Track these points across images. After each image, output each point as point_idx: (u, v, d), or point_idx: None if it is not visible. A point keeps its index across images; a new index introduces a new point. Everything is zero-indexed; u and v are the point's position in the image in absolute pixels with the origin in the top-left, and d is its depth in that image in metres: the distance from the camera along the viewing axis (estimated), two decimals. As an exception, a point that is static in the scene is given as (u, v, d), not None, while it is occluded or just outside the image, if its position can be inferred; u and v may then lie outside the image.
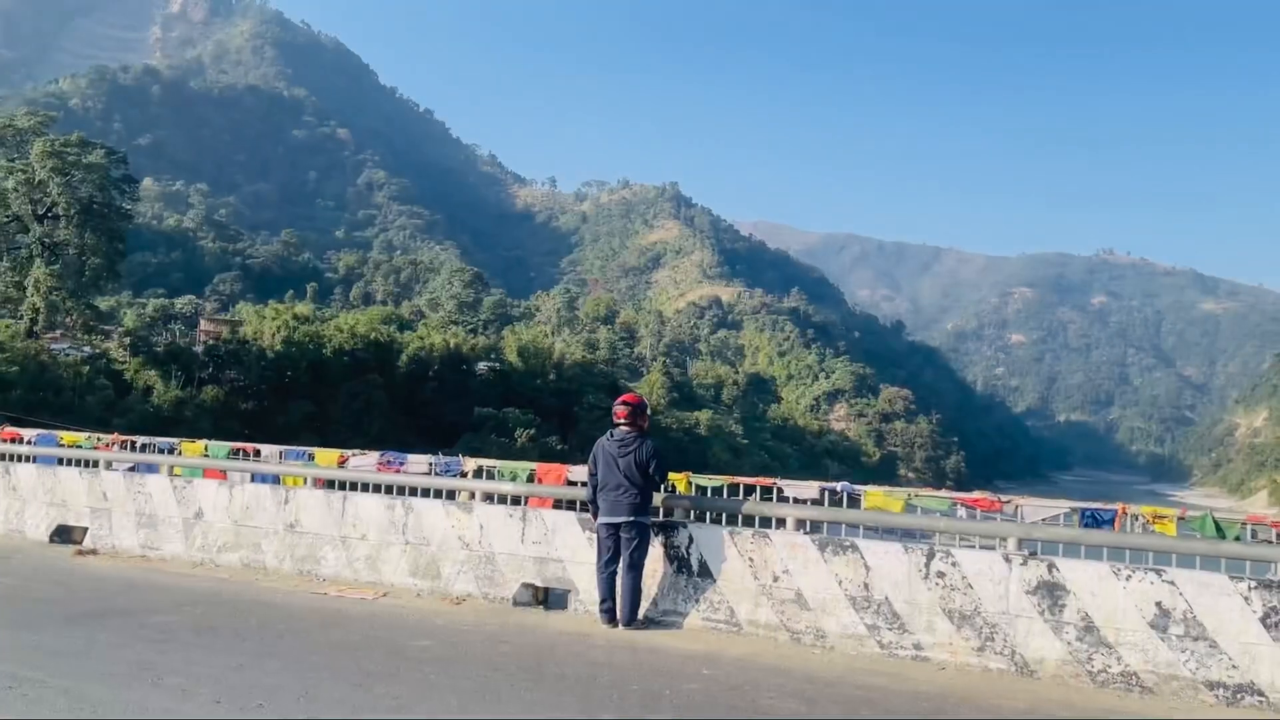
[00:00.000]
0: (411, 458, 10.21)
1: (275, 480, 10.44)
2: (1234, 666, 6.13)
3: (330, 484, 10.14)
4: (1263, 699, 6.00)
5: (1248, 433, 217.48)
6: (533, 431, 66.92)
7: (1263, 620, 6.14)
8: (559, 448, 64.06)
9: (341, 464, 10.27)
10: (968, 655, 6.74)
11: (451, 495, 9.49)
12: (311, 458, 10.70)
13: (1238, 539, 6.95)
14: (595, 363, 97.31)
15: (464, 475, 9.67)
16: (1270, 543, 6.85)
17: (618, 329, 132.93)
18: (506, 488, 9.16)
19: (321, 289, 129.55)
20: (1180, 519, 7.16)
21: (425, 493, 9.61)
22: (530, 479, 9.30)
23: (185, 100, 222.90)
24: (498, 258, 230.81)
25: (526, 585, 8.41)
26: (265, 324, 68.55)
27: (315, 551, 9.52)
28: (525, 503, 9.05)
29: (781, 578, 7.47)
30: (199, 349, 65.46)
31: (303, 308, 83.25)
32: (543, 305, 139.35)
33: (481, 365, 77.49)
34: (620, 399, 8.15)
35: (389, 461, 10.14)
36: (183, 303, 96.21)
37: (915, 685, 6.17)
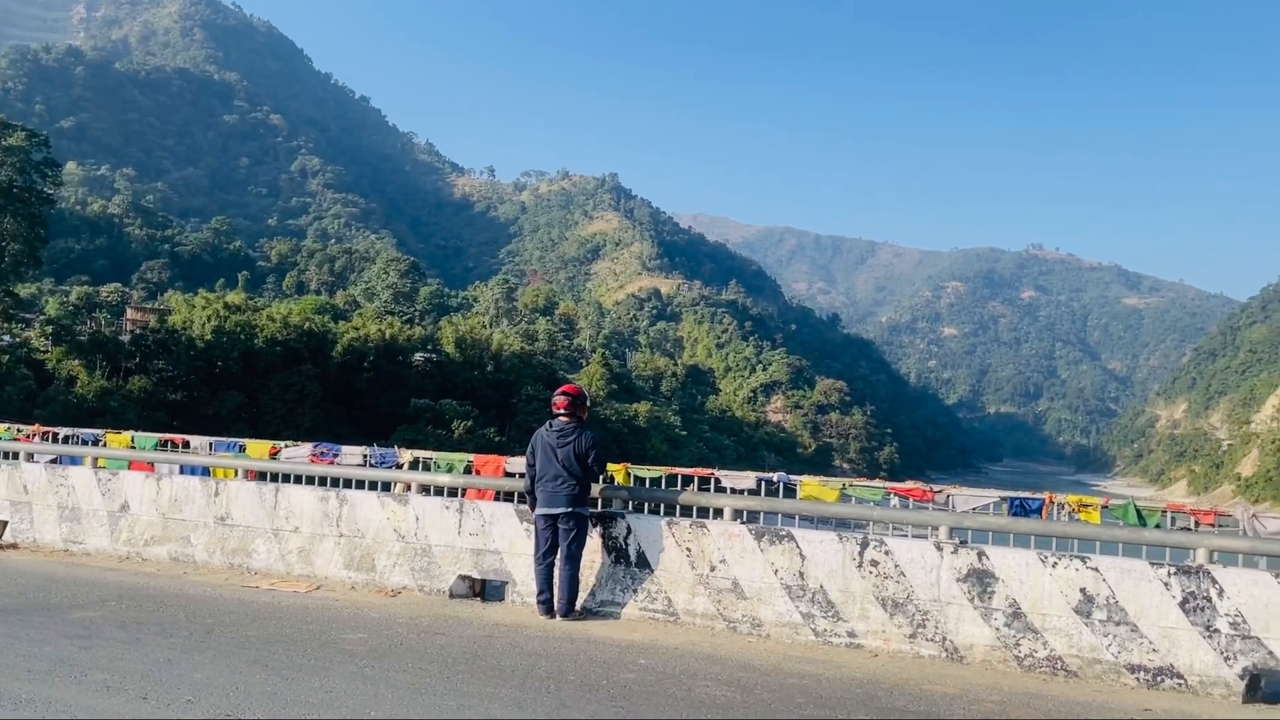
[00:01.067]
0: (346, 449, 10.06)
1: (205, 472, 10.22)
2: (1154, 650, 6.33)
3: (262, 476, 9.95)
4: (1181, 681, 6.21)
5: (1167, 424, 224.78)
6: (470, 423, 66.43)
7: (1181, 605, 6.35)
8: (497, 439, 63.70)
9: (274, 455, 10.09)
10: (900, 642, 6.86)
11: (387, 487, 9.39)
12: (243, 449, 10.49)
13: (1158, 526, 7.18)
14: (534, 354, 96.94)
15: (399, 467, 9.56)
16: (1188, 530, 7.09)
17: (557, 320, 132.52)
18: (443, 479, 9.08)
19: (254, 278, 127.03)
20: (1104, 507, 7.36)
21: (360, 485, 9.49)
22: (467, 470, 9.23)
23: (110, 82, 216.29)
24: (435, 247, 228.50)
25: (463, 577, 8.36)
26: (195, 313, 67.00)
27: (247, 544, 9.34)
28: (462, 494, 8.98)
29: (719, 567, 7.53)
30: (125, 338, 63.67)
31: (234, 296, 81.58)
32: (481, 296, 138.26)
33: (418, 356, 76.63)
34: (559, 389, 8.13)
35: (323, 453, 9.98)
36: (108, 290, 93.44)
37: (849, 672, 6.26)
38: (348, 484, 9.53)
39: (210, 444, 10.79)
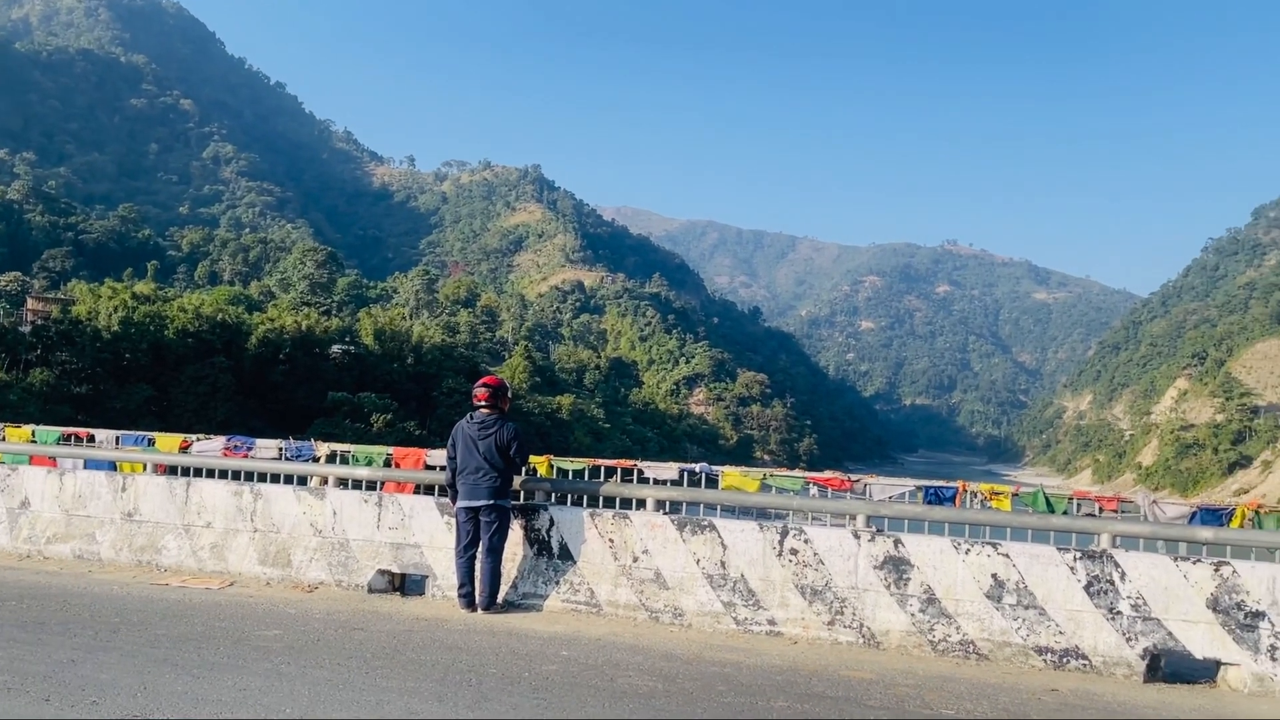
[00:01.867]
0: (260, 442, 9.83)
1: (112, 467, 9.87)
2: (1060, 632, 6.55)
3: (173, 470, 9.66)
4: (1086, 662, 6.43)
5: (1074, 415, 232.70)
6: (389, 416, 65.46)
7: (1086, 588, 6.57)
8: (417, 433, 62.88)
9: (185, 449, 9.80)
10: (819, 629, 6.97)
11: (303, 481, 9.19)
12: (152, 443, 10.17)
13: (1065, 513, 7.42)
14: (455, 346, 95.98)
15: (317, 460, 9.38)
16: (1093, 516, 7.33)
17: (479, 312, 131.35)
18: (361, 473, 8.93)
19: (164, 267, 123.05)
20: (1014, 495, 7.58)
21: (275, 478, 9.27)
22: (387, 463, 9.09)
23: (9, 63, 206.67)
24: (353, 237, 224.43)
25: (382, 572, 8.24)
26: (101, 303, 64.65)
27: (156, 541, 9.06)
28: (381, 488, 8.85)
29: (641, 558, 7.55)
30: (25, 329, 61.16)
31: (143, 286, 78.89)
32: (400, 287, 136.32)
33: (335, 348, 75.17)
34: (480, 381, 8.05)
35: (236, 446, 9.73)
36: (7, 279, 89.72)
37: (769, 660, 6.34)
38: (263, 478, 9.31)
39: (117, 438, 10.45)
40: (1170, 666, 6.45)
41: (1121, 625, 6.44)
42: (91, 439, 10.50)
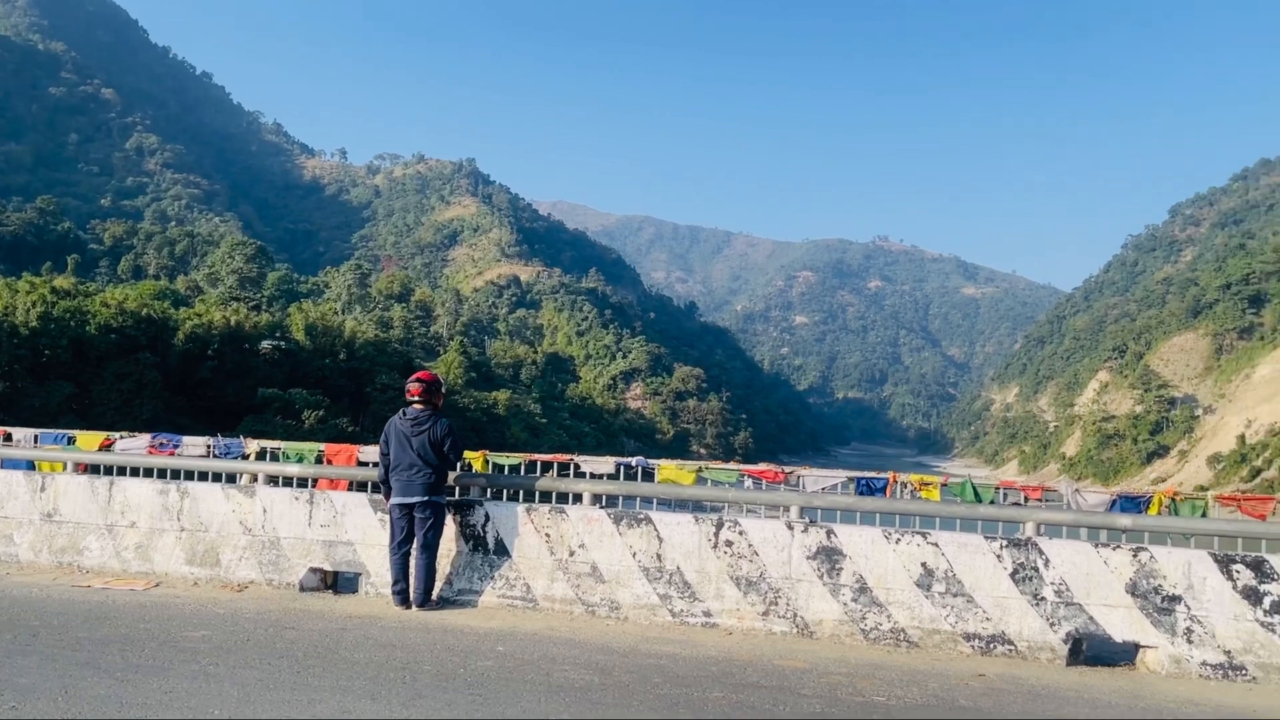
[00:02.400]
0: (187, 440, 9.60)
1: (30, 466, 9.56)
2: (988, 619, 6.71)
3: (95, 469, 9.39)
4: (1012, 647, 6.60)
5: (1001, 408, 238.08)
6: (322, 413, 64.35)
7: (1012, 576, 6.74)
8: (350, 429, 61.95)
9: (107, 447, 9.53)
10: (753, 620, 7.05)
11: (233, 479, 9.01)
12: (72, 441, 9.87)
13: (992, 502, 7.60)
14: (389, 341, 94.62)
15: (246, 458, 9.19)
16: (1019, 505, 7.53)
17: (413, 307, 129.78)
18: (292, 469, 8.78)
19: (85, 261, 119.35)
20: (943, 485, 7.75)
21: (204, 476, 9.08)
22: (319, 460, 8.95)
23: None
24: (283, 231, 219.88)
25: (314, 570, 8.12)
26: (19, 298, 62.41)
27: (78, 541, 8.80)
28: (313, 485, 8.71)
29: (578, 552, 7.55)
30: (-63, 325, 58.79)
31: (63, 281, 76.40)
32: (333, 281, 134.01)
33: (265, 344, 73.61)
34: (414, 376, 7.97)
35: (162, 444, 9.50)
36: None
37: (704, 651, 6.39)
38: (190, 476, 9.11)
39: (35, 436, 10.12)
40: (1092, 650, 6.65)
41: (1045, 611, 6.62)
42: (8, 438, 10.15)
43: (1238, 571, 6.37)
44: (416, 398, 7.71)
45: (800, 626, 6.97)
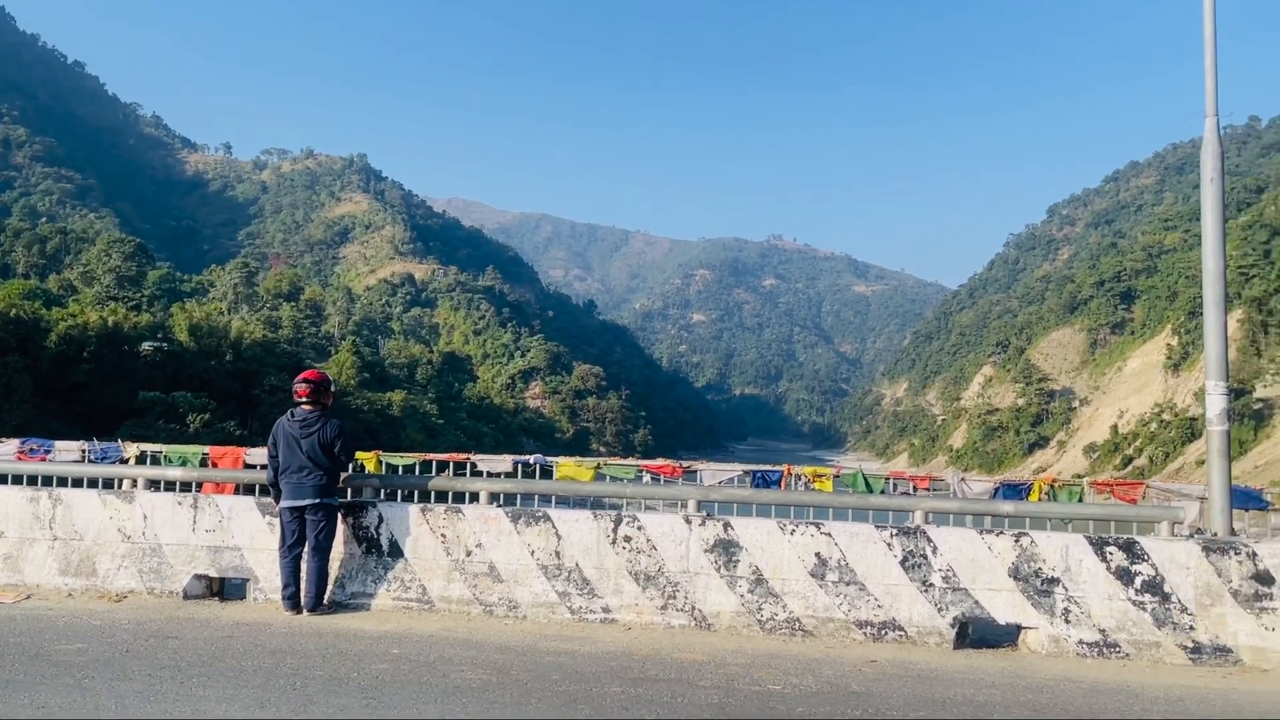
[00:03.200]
0: (60, 445, 9.16)
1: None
2: (879, 606, 6.88)
3: (-43, 478, 8.86)
4: (902, 633, 6.78)
5: (891, 402, 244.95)
6: (208, 416, 62.14)
7: (902, 563, 6.92)
8: (238, 433, 59.97)
9: (-29, 454, 9.01)
10: (652, 614, 7.08)
11: (111, 484, 8.61)
12: (-68, 448, 9.30)
13: (883, 492, 7.81)
14: (278, 342, 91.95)
15: (125, 462, 8.81)
16: (908, 494, 7.75)
17: (303, 306, 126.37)
18: (174, 473, 8.44)
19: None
20: (836, 477, 7.92)
21: (79, 483, 8.65)
22: (203, 463, 8.65)
23: None
24: (164, 228, 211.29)
25: (199, 577, 7.83)
26: (-128, 298, 58.64)
27: (-62, 555, 8.29)
28: (198, 489, 8.39)
29: (475, 551, 7.46)
30: None
31: (-79, 279, 71.96)
32: (218, 280, 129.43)
33: (146, 345, 70.65)
34: (301, 376, 7.75)
35: (32, 450, 9.03)
36: None
37: (603, 647, 6.39)
38: (64, 483, 8.67)
39: (-110, 444, 9.50)
40: (977, 633, 6.88)
41: (934, 596, 6.83)
42: None
43: (1111, 553, 6.67)
44: (304, 398, 7.50)
45: (698, 619, 7.03)
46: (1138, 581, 6.60)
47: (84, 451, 8.97)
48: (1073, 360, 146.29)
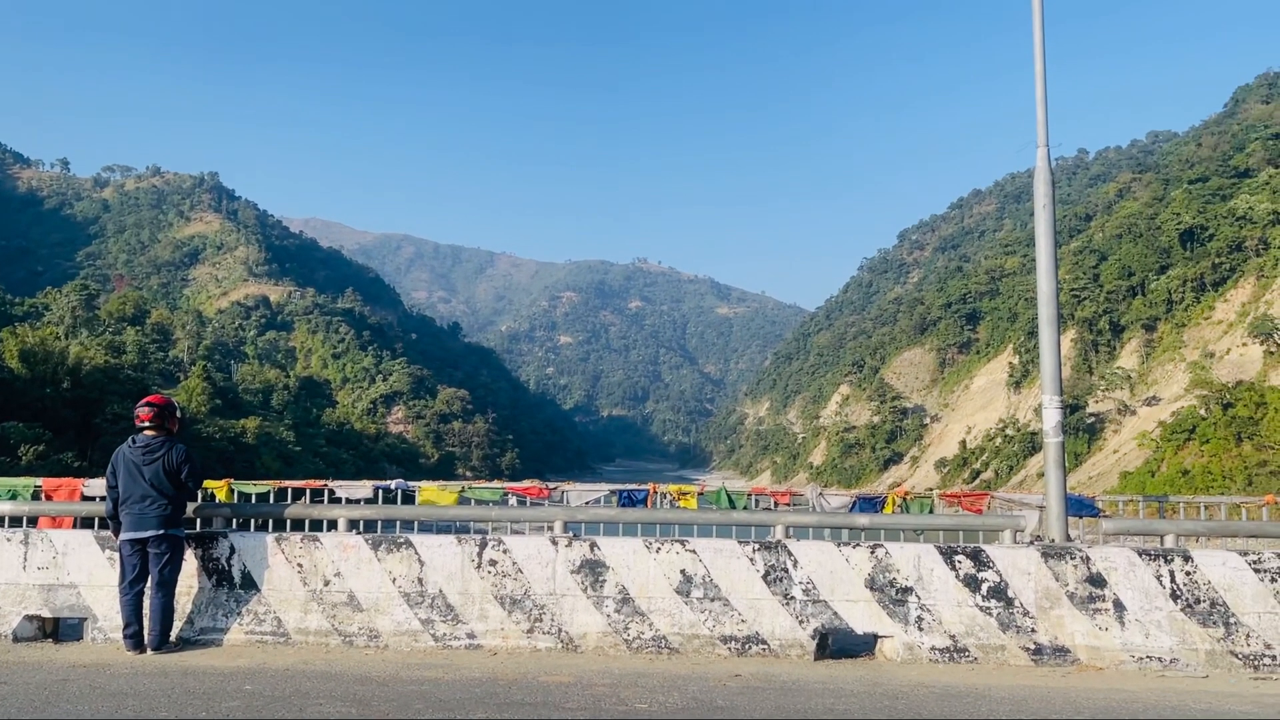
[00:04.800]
0: None
1: None
2: (743, 621, 6.99)
3: None
4: (766, 646, 6.90)
5: (754, 421, 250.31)
6: (42, 447, 58.30)
7: (764, 577, 7.06)
8: (76, 464, 56.46)
9: None
10: (519, 638, 7.00)
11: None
12: None
13: (745, 508, 7.96)
14: (121, 367, 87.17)
15: (-55, 497, 8.17)
16: (769, 509, 7.92)
17: (149, 330, 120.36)
18: (3, 508, 7.89)
19: None
20: (700, 494, 8.04)
21: (-110, 521, 7.98)
22: (35, 496, 8.11)
23: None
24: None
25: (31, 618, 7.31)
26: None
27: None
28: (31, 524, 7.85)
29: (333, 581, 7.23)
30: None
31: None
32: (54, 303, 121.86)
33: (-27, 372, 65.89)
34: (143, 400, 7.35)
35: None
36: None
37: (468, 673, 6.28)
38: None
39: None
40: (837, 644, 7.07)
41: (795, 609, 6.98)
42: None
43: (959, 561, 6.97)
44: (147, 423, 7.12)
45: (565, 641, 6.99)
46: (984, 588, 6.91)
47: (-102, 487, 8.30)
48: (924, 379, 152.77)
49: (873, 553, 7.06)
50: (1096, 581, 6.83)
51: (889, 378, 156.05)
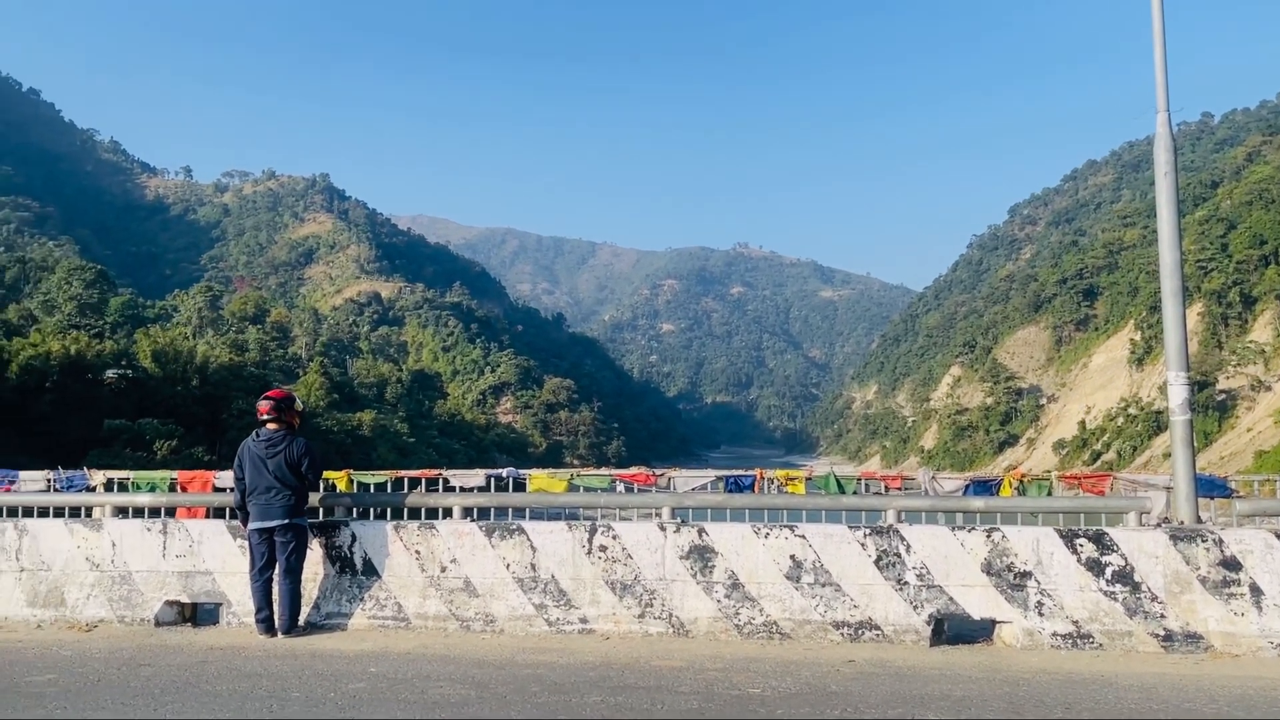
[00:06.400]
0: (25, 474, 9.02)
1: None
2: (855, 606, 6.91)
3: (-81, 512, 8.70)
4: (879, 632, 6.81)
5: (861, 405, 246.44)
6: (175, 443, 61.37)
7: (876, 562, 6.96)
8: (206, 458, 59.23)
9: (-68, 488, 8.85)
10: (630, 623, 7.07)
11: (78, 513, 8.49)
12: (-109, 483, 9.12)
13: (855, 493, 7.85)
14: (244, 365, 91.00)
15: (92, 489, 8.68)
16: (880, 494, 7.79)
17: (269, 328, 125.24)
18: (143, 500, 8.34)
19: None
20: (808, 479, 7.96)
21: (45, 512, 8.53)
22: (172, 488, 8.54)
23: None
24: (125, 254, 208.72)
25: (171, 603, 7.73)
26: None
27: (-99, 591, 8.13)
28: (169, 514, 8.29)
29: (450, 567, 7.43)
30: None
31: (-124, 313, 70.61)
32: (182, 305, 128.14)
33: (110, 373, 69.67)
34: (264, 395, 7.67)
35: (-5, 481, 8.88)
36: None
37: (582, 657, 6.37)
38: (29, 513, 8.54)
39: None
40: (953, 629, 6.93)
41: (909, 594, 6.87)
42: None
43: (1081, 545, 6.75)
44: (268, 416, 7.43)
45: (676, 626, 7.03)
46: (1108, 572, 6.67)
47: (50, 481, 8.84)
48: (1039, 358, 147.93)
49: (989, 536, 6.89)
50: (1231, 565, 6.52)
51: (1002, 358, 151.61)
